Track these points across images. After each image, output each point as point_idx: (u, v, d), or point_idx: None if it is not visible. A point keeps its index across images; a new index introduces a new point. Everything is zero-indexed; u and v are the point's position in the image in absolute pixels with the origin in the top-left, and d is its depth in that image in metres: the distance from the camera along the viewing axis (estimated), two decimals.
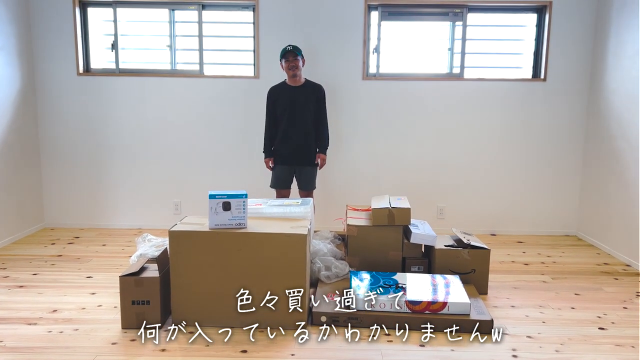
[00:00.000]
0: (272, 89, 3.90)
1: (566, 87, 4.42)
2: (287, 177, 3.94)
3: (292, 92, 3.83)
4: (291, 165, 3.90)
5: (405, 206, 3.26)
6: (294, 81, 3.84)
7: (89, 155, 4.57)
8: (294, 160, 3.88)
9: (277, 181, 3.95)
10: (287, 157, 3.87)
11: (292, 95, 3.82)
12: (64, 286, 3.21)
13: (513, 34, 4.52)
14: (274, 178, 3.96)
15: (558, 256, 3.97)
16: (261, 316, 2.64)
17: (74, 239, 4.29)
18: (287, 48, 3.76)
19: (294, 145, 3.84)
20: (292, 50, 3.75)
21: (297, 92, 3.83)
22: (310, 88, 3.87)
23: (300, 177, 3.93)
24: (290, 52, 3.74)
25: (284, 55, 3.77)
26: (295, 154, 3.86)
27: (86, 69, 4.53)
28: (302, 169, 3.90)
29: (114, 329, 2.63)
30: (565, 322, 2.78)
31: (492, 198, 4.59)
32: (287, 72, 3.81)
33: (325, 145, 3.93)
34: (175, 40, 4.52)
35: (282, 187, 3.95)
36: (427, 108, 4.47)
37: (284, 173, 3.92)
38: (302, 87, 3.86)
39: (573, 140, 4.49)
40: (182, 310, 2.66)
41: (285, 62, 3.78)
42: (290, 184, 3.97)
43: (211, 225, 2.63)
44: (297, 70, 3.78)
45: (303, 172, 3.91)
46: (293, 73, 3.78)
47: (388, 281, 2.90)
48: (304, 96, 3.83)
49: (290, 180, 3.97)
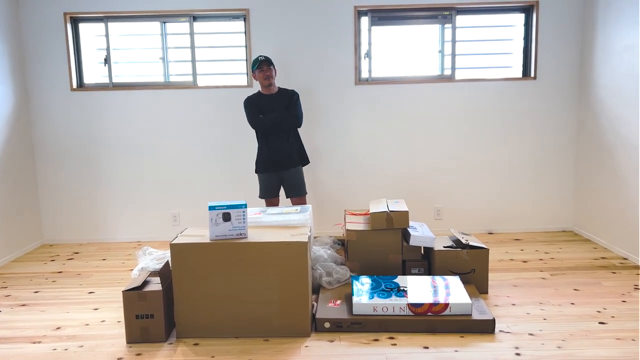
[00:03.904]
0: (248, 98, 3.92)
1: (556, 84, 4.47)
2: (274, 185, 3.95)
3: (268, 100, 3.87)
4: (276, 171, 3.91)
5: (403, 209, 3.29)
6: (269, 90, 3.88)
7: (85, 170, 4.58)
8: (277, 166, 3.89)
9: (266, 190, 3.96)
10: (270, 164, 3.89)
11: (269, 103, 3.85)
12: (66, 303, 3.21)
13: (502, 34, 4.57)
14: (262, 188, 3.98)
15: (555, 252, 4.01)
16: (265, 325, 2.66)
17: (74, 254, 4.29)
18: (260, 58, 3.80)
19: (275, 151, 3.86)
20: (265, 60, 3.79)
21: (273, 100, 3.86)
22: (284, 94, 3.91)
23: (287, 182, 3.94)
24: (265, 62, 3.79)
25: (258, 65, 3.80)
26: (278, 159, 3.87)
27: (80, 84, 4.54)
28: (288, 172, 3.92)
29: (118, 343, 2.64)
30: (566, 318, 2.82)
31: (487, 197, 4.63)
32: (262, 82, 3.84)
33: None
34: (168, 52, 4.54)
35: (270, 195, 3.97)
36: (420, 110, 4.51)
37: (270, 180, 3.94)
38: (277, 95, 3.89)
39: (565, 136, 4.54)
40: (187, 323, 2.67)
41: (259, 72, 3.81)
42: (277, 192, 3.98)
43: (212, 236, 2.65)
44: (272, 79, 3.84)
45: (290, 176, 3.92)
46: (269, 82, 3.82)
47: (389, 285, 2.92)
48: (280, 103, 3.86)
49: (278, 188, 3.98)
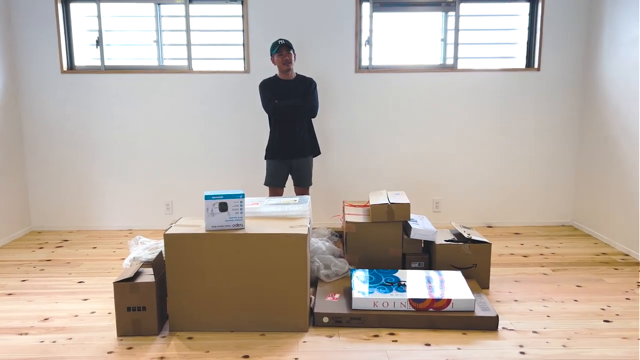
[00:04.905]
0: (265, 81, 3.81)
1: (560, 76, 4.38)
2: (283, 174, 3.85)
3: (285, 86, 3.75)
4: (286, 160, 3.81)
5: (404, 201, 3.20)
6: (287, 75, 3.77)
7: (75, 154, 4.44)
8: (289, 154, 3.79)
9: (272, 178, 3.86)
10: (281, 152, 3.78)
11: (286, 89, 3.74)
12: (54, 292, 3.10)
13: (506, 23, 4.46)
14: (268, 175, 3.87)
15: (556, 247, 3.95)
16: (262, 319, 2.57)
17: (63, 242, 4.17)
18: (280, 42, 3.68)
19: (288, 139, 3.76)
20: (285, 43, 3.68)
21: (290, 86, 3.75)
22: (302, 82, 3.80)
23: (296, 172, 3.85)
24: (284, 46, 3.67)
25: (277, 49, 3.69)
26: (290, 147, 3.77)
27: (70, 66, 4.38)
28: (298, 162, 3.82)
29: (109, 336, 2.54)
30: (570, 316, 2.75)
31: (487, 190, 4.55)
32: (281, 67, 3.72)
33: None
34: (162, 35, 4.39)
35: (277, 184, 3.86)
36: (421, 100, 4.41)
37: (279, 169, 3.83)
38: (294, 81, 3.79)
39: (568, 129, 4.46)
40: (180, 316, 2.58)
41: (278, 56, 3.70)
42: (284, 182, 3.88)
43: (208, 227, 2.55)
44: (291, 64, 3.72)
45: (300, 166, 3.83)
46: (287, 67, 3.71)
47: (390, 279, 2.84)
48: (297, 90, 3.75)
49: (286, 177, 3.88)
